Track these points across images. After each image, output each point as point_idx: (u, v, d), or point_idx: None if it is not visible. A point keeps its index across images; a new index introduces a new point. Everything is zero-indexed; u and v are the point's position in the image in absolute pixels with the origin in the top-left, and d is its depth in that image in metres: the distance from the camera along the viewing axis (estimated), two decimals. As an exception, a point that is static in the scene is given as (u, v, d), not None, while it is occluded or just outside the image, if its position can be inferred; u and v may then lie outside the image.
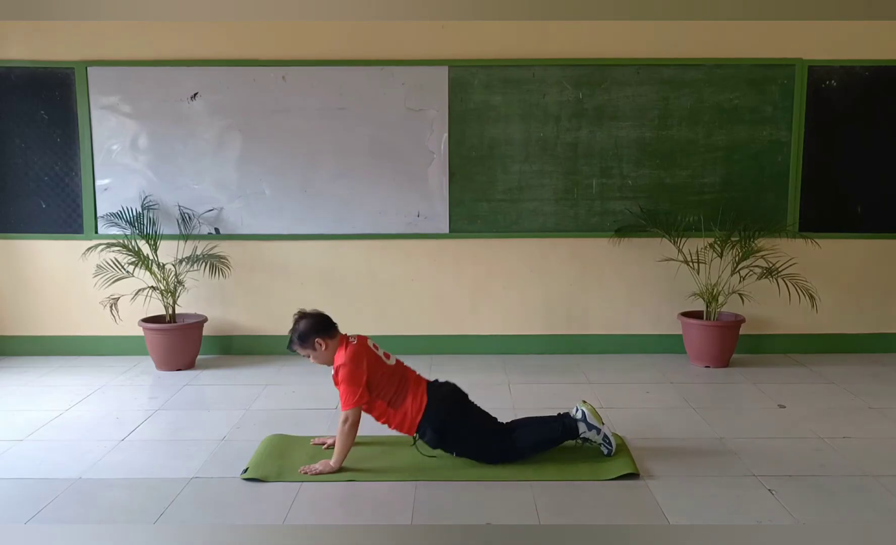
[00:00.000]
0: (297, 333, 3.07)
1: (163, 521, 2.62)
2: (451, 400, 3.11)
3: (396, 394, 3.06)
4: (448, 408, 3.07)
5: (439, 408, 3.04)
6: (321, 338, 3.06)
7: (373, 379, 3.04)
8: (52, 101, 4.77)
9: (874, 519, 2.62)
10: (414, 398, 3.06)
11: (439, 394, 3.09)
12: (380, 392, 3.05)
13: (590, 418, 3.09)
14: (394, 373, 3.10)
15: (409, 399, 3.05)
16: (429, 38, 4.73)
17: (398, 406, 3.05)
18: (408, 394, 3.07)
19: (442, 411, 3.04)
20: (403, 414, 3.05)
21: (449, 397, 3.11)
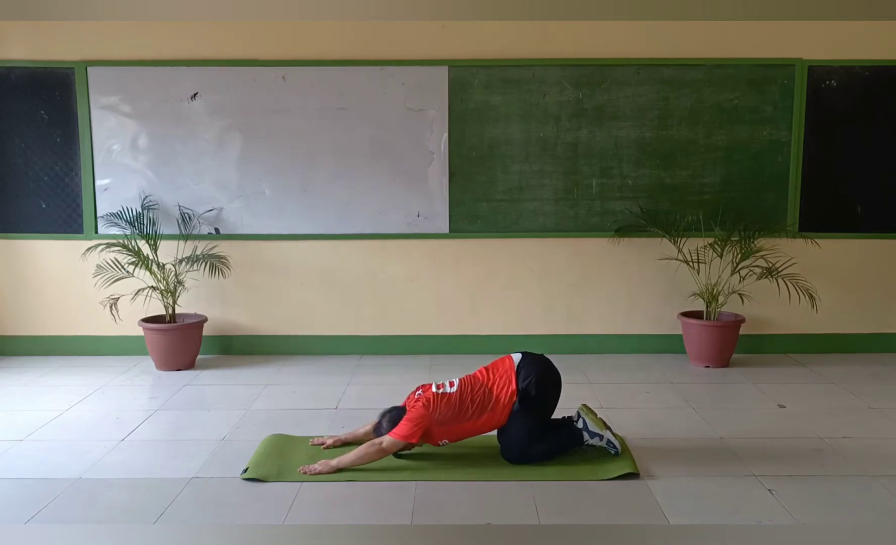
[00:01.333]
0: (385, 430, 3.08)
1: (163, 521, 2.62)
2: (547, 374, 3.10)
3: (480, 400, 3.03)
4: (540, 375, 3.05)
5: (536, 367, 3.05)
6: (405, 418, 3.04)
7: (446, 417, 3.01)
8: (52, 101, 4.77)
9: (874, 519, 2.62)
10: (499, 385, 3.05)
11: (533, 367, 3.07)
12: (459, 417, 3.02)
13: (592, 427, 3.11)
14: (463, 393, 3.05)
15: (495, 391, 3.04)
16: (429, 38, 4.73)
17: (489, 406, 3.03)
18: (492, 388, 3.05)
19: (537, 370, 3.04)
20: (494, 406, 3.02)
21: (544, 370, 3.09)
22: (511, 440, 3.07)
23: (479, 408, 3.03)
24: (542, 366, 3.10)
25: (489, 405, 3.03)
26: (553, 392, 3.12)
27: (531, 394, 3.02)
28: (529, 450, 3.06)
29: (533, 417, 3.06)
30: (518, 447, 3.05)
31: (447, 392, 3.05)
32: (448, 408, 3.01)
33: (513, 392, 3.03)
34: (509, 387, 3.04)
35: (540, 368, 3.09)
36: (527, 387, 3.02)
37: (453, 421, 3.02)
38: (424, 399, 3.03)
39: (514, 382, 3.04)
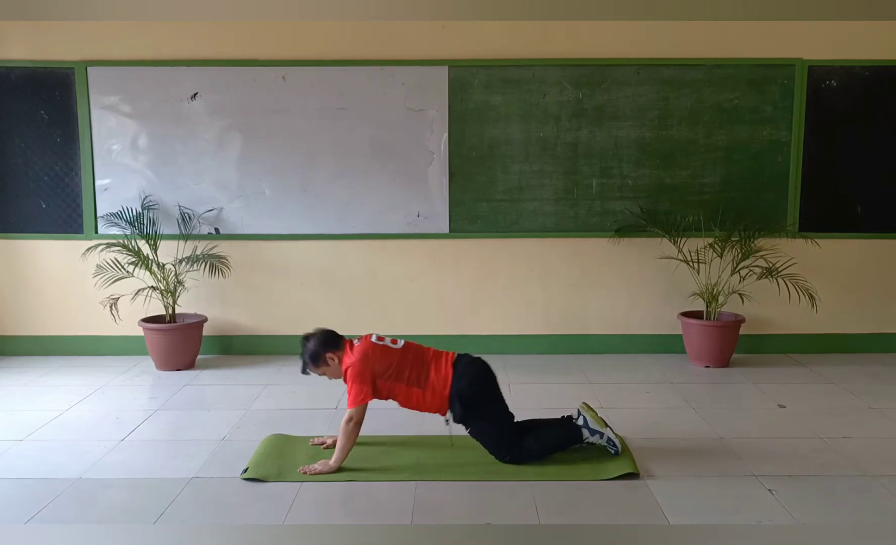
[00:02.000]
0: (308, 355, 3.09)
1: (163, 521, 2.62)
2: (482, 374, 3.10)
3: (416, 373, 3.04)
4: (475, 380, 3.05)
5: (467, 380, 3.03)
6: (331, 352, 3.07)
7: (383, 369, 3.03)
8: (52, 101, 4.77)
9: (874, 519, 2.62)
10: (437, 372, 3.05)
11: (468, 368, 3.08)
12: (396, 376, 3.03)
13: (592, 424, 3.11)
14: (406, 356, 3.07)
15: (432, 374, 3.04)
16: (429, 38, 4.73)
17: (423, 384, 3.03)
18: (430, 370, 3.05)
19: (469, 383, 3.03)
20: (432, 390, 3.03)
21: (479, 372, 3.10)
22: (491, 447, 3.08)
23: (414, 379, 3.03)
24: (476, 365, 3.11)
25: (423, 382, 3.03)
26: (489, 381, 3.10)
27: (466, 394, 3.00)
28: (518, 450, 3.05)
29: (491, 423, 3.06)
30: (500, 448, 3.06)
31: (389, 346, 3.07)
32: (385, 363, 3.02)
33: (447, 380, 3.02)
34: (444, 374, 3.03)
35: (474, 370, 3.09)
36: (460, 387, 3.01)
37: (390, 378, 3.02)
38: (360, 351, 3.02)
39: (450, 373, 3.03)
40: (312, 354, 3.08)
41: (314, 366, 3.10)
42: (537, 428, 3.18)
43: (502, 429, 3.09)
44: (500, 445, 3.07)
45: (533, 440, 3.09)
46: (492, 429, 3.08)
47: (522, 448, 3.07)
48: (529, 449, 3.07)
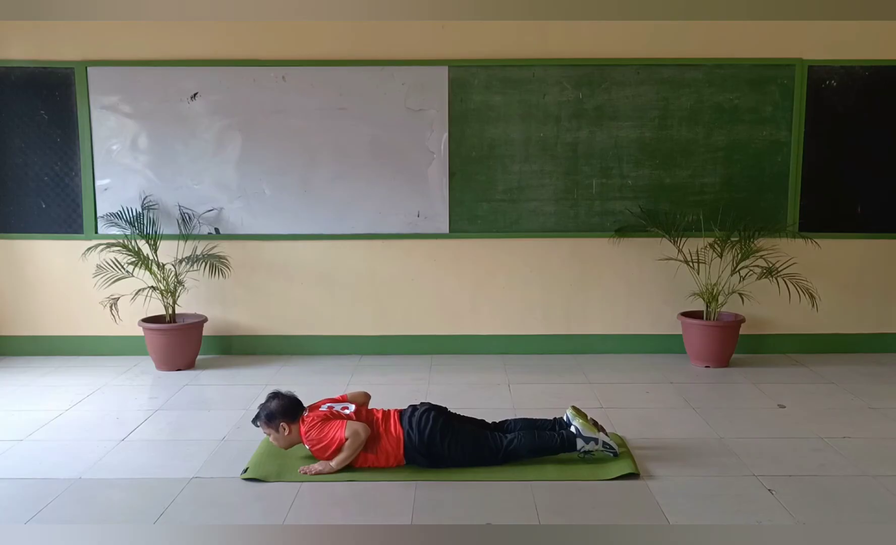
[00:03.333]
0: (266, 412, 3.09)
1: (163, 521, 2.62)
2: (427, 421, 3.04)
3: (368, 440, 3.03)
4: (426, 430, 3.01)
5: (417, 435, 3.00)
6: (286, 422, 3.07)
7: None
8: (52, 101, 4.77)
9: (874, 519, 2.62)
10: (388, 434, 3.04)
11: (414, 421, 3.05)
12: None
13: (584, 431, 3.06)
14: (356, 420, 3.06)
15: (383, 438, 3.03)
16: (429, 38, 4.73)
17: (376, 449, 3.02)
18: (380, 431, 3.05)
19: (420, 436, 3.00)
20: (386, 454, 3.02)
21: (425, 419, 3.04)
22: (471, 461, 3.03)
23: (368, 445, 3.02)
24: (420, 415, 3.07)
25: (375, 447, 3.02)
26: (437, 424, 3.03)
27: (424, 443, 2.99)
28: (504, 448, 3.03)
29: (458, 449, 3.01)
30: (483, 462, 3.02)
31: (340, 414, 3.07)
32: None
33: (399, 441, 3.01)
34: (398, 435, 3.02)
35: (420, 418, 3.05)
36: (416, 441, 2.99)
37: None
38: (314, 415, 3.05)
39: (401, 434, 3.02)
40: (269, 414, 3.07)
41: (266, 424, 3.09)
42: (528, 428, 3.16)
43: (475, 448, 3.04)
44: (481, 460, 3.04)
45: (525, 440, 3.06)
46: (465, 454, 3.03)
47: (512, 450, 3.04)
48: (520, 449, 3.04)
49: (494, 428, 3.21)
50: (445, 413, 3.13)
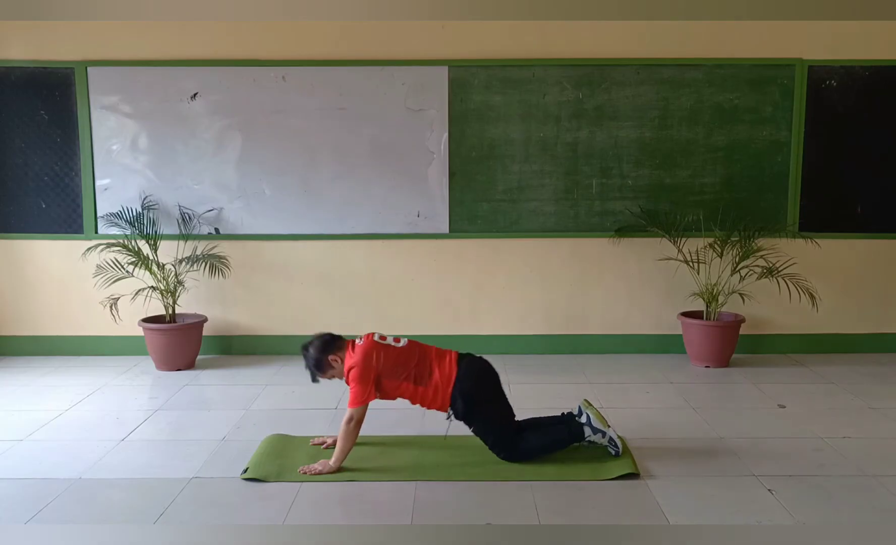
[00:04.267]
0: (312, 363, 3.10)
1: (163, 521, 2.62)
2: (484, 373, 3.11)
3: (419, 370, 3.05)
4: (479, 378, 3.07)
5: (471, 378, 3.04)
6: (333, 354, 3.08)
7: (387, 368, 3.03)
8: (52, 101, 4.77)
9: (874, 519, 2.62)
10: (441, 370, 3.05)
11: (471, 366, 3.09)
12: (401, 374, 3.04)
13: (594, 422, 3.10)
14: (409, 353, 3.08)
15: (436, 372, 3.05)
16: (429, 38, 4.73)
17: (427, 382, 3.04)
18: (434, 367, 3.06)
19: (472, 382, 3.04)
20: (434, 387, 3.03)
21: (481, 371, 3.11)
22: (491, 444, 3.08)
23: (418, 376, 3.04)
24: (479, 364, 3.12)
25: (427, 379, 3.03)
26: (491, 381, 3.11)
27: (468, 392, 3.02)
28: (518, 446, 3.05)
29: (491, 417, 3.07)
30: (500, 446, 3.06)
31: (391, 345, 3.08)
32: (388, 361, 3.03)
33: (451, 378, 3.02)
34: (448, 373, 3.04)
35: (476, 368, 3.10)
36: (463, 386, 3.02)
37: (394, 376, 3.03)
38: (362, 351, 3.02)
39: (454, 371, 3.04)
40: (316, 362, 3.09)
41: (321, 372, 3.11)
42: (540, 426, 3.18)
43: (502, 429, 3.09)
44: (499, 444, 3.07)
45: (535, 438, 3.09)
46: (492, 427, 3.08)
47: (524, 446, 3.07)
48: (531, 447, 3.07)
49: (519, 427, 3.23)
50: (497, 379, 3.17)
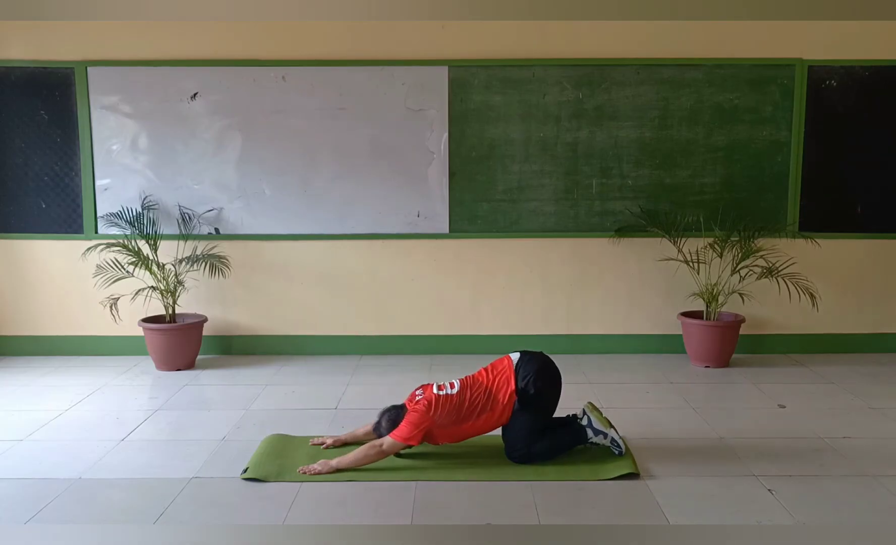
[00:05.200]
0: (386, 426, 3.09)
1: (163, 521, 2.62)
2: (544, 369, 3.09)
3: (480, 403, 3.03)
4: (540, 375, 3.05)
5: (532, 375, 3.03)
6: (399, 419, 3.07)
7: (443, 417, 3.01)
8: (52, 101, 4.77)
9: (874, 519, 2.62)
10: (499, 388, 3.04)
11: (530, 365, 3.07)
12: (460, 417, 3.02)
13: (596, 424, 3.10)
14: (462, 395, 3.04)
15: (493, 395, 3.04)
16: (429, 38, 4.73)
17: (490, 408, 3.03)
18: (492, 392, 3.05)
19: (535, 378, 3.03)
20: (501, 408, 3.02)
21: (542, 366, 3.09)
22: (514, 439, 3.07)
23: (479, 409, 3.03)
24: (540, 364, 3.10)
25: (488, 406, 3.03)
26: (552, 389, 3.11)
27: (530, 392, 3.02)
28: (532, 448, 3.06)
29: (534, 416, 3.06)
30: (521, 446, 3.05)
31: (448, 393, 3.05)
32: (448, 410, 3.01)
33: (512, 391, 3.03)
34: (508, 387, 3.04)
35: (538, 366, 3.08)
36: (525, 386, 3.02)
37: (453, 423, 3.02)
38: (426, 400, 3.02)
39: (512, 382, 3.04)
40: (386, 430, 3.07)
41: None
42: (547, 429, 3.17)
43: (534, 426, 3.06)
44: (523, 439, 3.04)
45: (544, 441, 3.08)
46: (529, 423, 3.05)
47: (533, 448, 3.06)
48: (541, 450, 3.07)
49: None
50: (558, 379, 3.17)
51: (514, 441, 3.07)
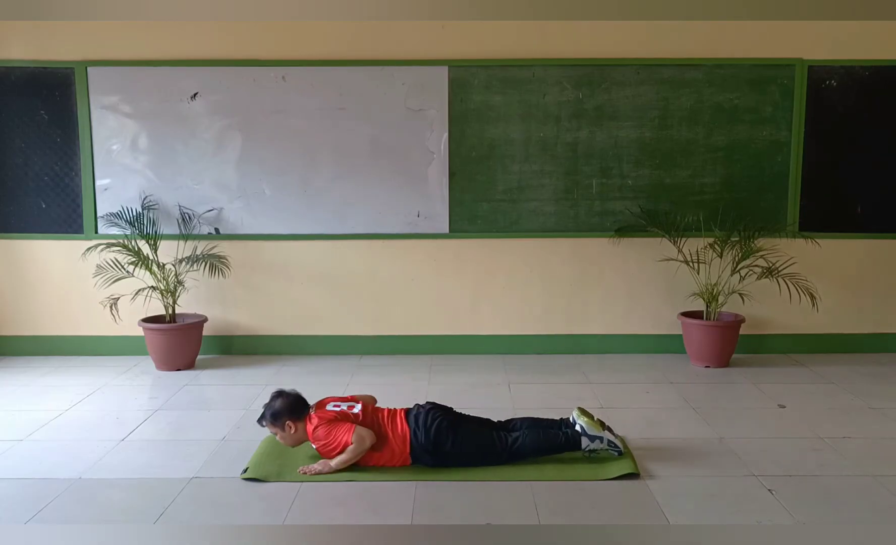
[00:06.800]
0: (272, 411, 3.09)
1: (163, 521, 2.62)
2: (433, 419, 3.04)
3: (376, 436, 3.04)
4: (434, 428, 3.01)
5: (423, 433, 3.01)
6: (292, 420, 3.08)
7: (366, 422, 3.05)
8: (52, 101, 4.77)
9: (874, 519, 2.62)
10: (394, 432, 3.05)
11: (420, 419, 3.06)
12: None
13: (590, 430, 3.06)
14: (364, 420, 3.07)
15: (389, 435, 3.05)
16: (429, 38, 4.73)
17: (382, 447, 3.03)
18: (386, 430, 3.06)
19: (426, 435, 3.01)
20: (391, 452, 3.03)
21: (431, 418, 3.05)
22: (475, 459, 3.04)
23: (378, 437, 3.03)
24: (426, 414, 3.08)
25: (381, 446, 3.02)
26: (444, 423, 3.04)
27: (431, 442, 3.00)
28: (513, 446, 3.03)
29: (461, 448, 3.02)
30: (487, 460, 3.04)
31: (346, 412, 3.08)
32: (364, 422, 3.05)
33: (406, 439, 3.02)
34: (404, 433, 3.03)
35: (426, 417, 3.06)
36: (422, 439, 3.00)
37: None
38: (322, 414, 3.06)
39: (407, 432, 3.03)
40: (275, 412, 3.07)
41: (271, 423, 3.09)
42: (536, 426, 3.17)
43: (481, 447, 3.05)
44: (487, 459, 3.05)
45: (530, 439, 3.07)
46: (471, 453, 3.04)
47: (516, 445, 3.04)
48: (525, 446, 3.05)
49: (500, 427, 3.21)
50: (451, 412, 3.14)
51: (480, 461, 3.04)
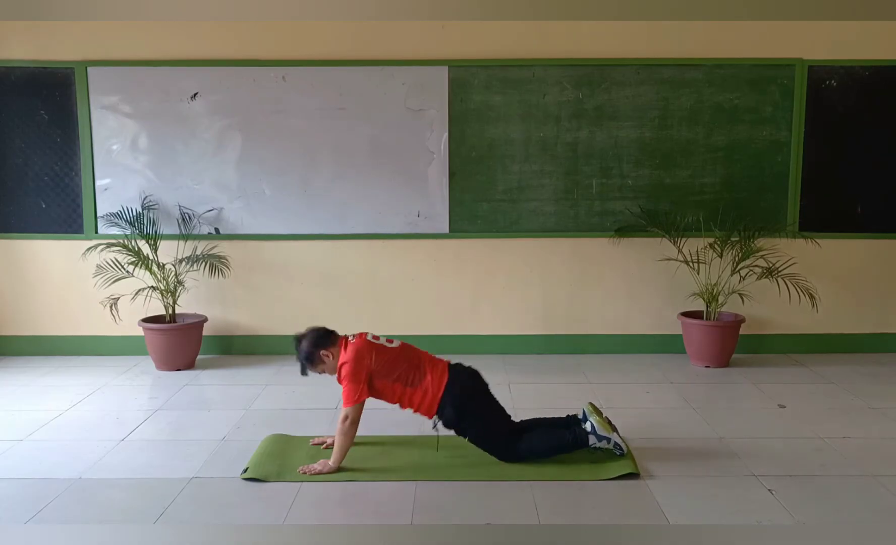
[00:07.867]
0: (304, 355, 3.10)
1: (163, 521, 2.62)
2: (473, 382, 3.12)
3: (412, 372, 3.06)
4: (470, 388, 3.09)
5: (460, 386, 3.05)
6: (325, 349, 3.08)
7: (380, 368, 3.05)
8: (52, 101, 4.77)
9: (874, 519, 2.62)
10: (433, 375, 3.07)
11: (462, 375, 3.11)
12: (392, 375, 3.05)
13: (599, 430, 3.07)
14: (401, 355, 3.10)
15: (427, 376, 3.06)
16: (429, 38, 4.73)
17: (417, 384, 3.05)
18: (426, 372, 3.07)
19: (463, 390, 3.05)
20: (424, 391, 3.04)
21: (471, 379, 3.13)
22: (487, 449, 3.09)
23: (406, 378, 3.05)
24: (469, 373, 3.14)
25: (417, 382, 3.04)
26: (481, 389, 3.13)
27: (462, 396, 3.03)
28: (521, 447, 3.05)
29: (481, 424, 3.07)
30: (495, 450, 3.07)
31: (384, 345, 3.09)
32: (380, 360, 3.05)
33: (441, 384, 3.03)
34: (441, 379, 3.05)
35: (467, 375, 3.12)
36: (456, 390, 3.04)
37: (385, 376, 3.04)
38: (355, 349, 3.03)
39: (445, 379, 3.05)
40: (307, 355, 3.09)
41: (311, 365, 3.11)
42: (542, 427, 3.17)
43: (496, 436, 3.09)
44: (495, 451, 3.08)
45: (538, 440, 3.08)
46: (485, 437, 3.09)
47: (524, 448, 3.06)
48: (532, 449, 3.07)
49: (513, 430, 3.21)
50: (487, 387, 3.18)
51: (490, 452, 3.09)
